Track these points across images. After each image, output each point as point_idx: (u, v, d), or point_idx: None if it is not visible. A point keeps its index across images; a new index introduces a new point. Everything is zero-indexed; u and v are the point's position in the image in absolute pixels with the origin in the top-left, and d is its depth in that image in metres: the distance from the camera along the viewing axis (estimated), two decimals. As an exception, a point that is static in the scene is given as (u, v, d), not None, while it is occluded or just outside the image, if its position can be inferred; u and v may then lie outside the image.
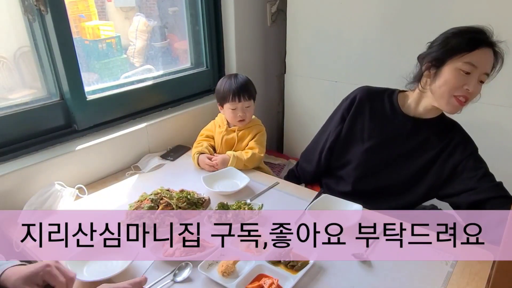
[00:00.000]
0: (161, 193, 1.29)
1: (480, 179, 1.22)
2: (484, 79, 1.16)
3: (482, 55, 1.13)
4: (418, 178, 1.33)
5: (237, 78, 1.66)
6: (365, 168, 1.39)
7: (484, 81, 1.17)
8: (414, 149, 1.32)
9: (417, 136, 1.31)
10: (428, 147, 1.31)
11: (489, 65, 1.15)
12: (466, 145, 1.28)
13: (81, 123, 1.59)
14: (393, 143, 1.35)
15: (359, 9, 1.87)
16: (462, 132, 1.32)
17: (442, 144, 1.29)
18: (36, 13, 1.40)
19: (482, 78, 1.16)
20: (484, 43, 1.14)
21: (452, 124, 1.33)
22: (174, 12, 2.11)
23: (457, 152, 1.27)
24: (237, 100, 1.62)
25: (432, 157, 1.30)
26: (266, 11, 2.26)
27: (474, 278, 1.01)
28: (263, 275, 1.00)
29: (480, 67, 1.13)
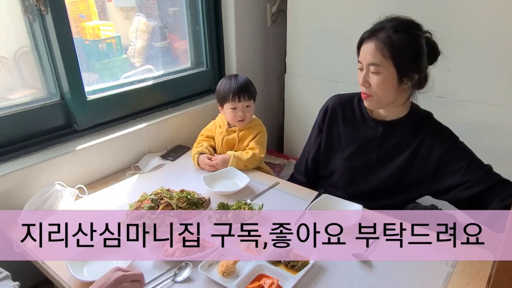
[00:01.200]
0: (161, 193, 1.29)
1: (467, 170, 1.19)
2: (373, 69, 1.16)
3: (363, 50, 1.19)
4: (401, 177, 1.31)
5: (237, 78, 1.66)
6: (350, 175, 1.40)
7: (377, 72, 1.16)
8: (391, 150, 1.31)
9: (390, 138, 1.30)
10: (404, 146, 1.28)
11: (370, 55, 1.16)
12: (443, 138, 1.24)
13: (81, 123, 1.59)
14: (369, 148, 1.34)
15: (359, 9, 1.86)
16: (437, 124, 1.27)
17: (417, 140, 1.26)
18: (36, 13, 1.40)
19: (372, 70, 1.17)
20: (363, 39, 1.19)
21: (425, 119, 1.29)
22: (174, 12, 2.11)
23: (435, 146, 1.23)
24: (237, 99, 1.62)
25: (410, 154, 1.27)
26: (266, 11, 2.26)
27: (475, 278, 1.01)
28: (263, 275, 1.00)
29: (363, 62, 1.18)
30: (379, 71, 1.15)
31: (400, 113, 1.28)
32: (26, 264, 1.15)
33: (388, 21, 1.16)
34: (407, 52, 1.13)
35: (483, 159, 1.71)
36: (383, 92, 1.18)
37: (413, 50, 1.14)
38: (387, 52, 1.13)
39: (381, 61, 1.14)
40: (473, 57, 1.62)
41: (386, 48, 1.13)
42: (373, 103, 1.24)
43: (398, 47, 1.12)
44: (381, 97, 1.20)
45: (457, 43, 1.64)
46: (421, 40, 1.15)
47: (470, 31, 1.60)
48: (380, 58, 1.14)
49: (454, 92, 1.71)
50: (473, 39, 1.60)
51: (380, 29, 1.15)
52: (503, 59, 1.56)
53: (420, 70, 1.18)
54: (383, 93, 1.19)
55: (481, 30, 1.58)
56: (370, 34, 1.17)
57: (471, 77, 1.65)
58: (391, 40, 1.12)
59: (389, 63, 1.14)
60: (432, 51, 1.18)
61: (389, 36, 1.13)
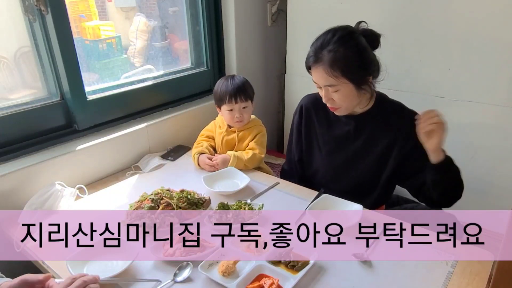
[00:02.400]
0: (161, 193, 1.29)
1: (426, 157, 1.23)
2: (332, 90, 1.21)
3: (314, 74, 1.23)
4: (381, 168, 1.35)
5: (233, 80, 1.65)
6: (332, 172, 1.43)
7: (335, 90, 1.20)
8: (366, 143, 1.34)
9: (364, 131, 1.34)
10: (379, 136, 1.32)
11: (323, 79, 1.19)
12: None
13: (82, 123, 1.59)
14: (345, 143, 1.38)
15: (359, 9, 1.86)
16: (411, 114, 1.29)
17: (393, 130, 1.30)
18: (36, 13, 1.40)
19: (330, 90, 1.21)
20: (311, 65, 1.22)
21: (398, 109, 1.32)
22: (174, 12, 2.11)
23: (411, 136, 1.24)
24: (233, 101, 1.62)
25: (387, 145, 1.31)
26: (267, 11, 2.26)
27: (475, 278, 1.01)
28: (264, 275, 1.00)
29: (319, 83, 1.23)
30: (337, 89, 1.20)
31: (368, 105, 1.32)
32: (26, 264, 1.15)
33: (326, 41, 1.18)
34: (354, 64, 1.17)
35: (483, 159, 1.72)
36: (347, 103, 1.25)
37: (358, 59, 1.17)
38: (337, 72, 1.16)
39: (335, 81, 1.18)
40: (473, 57, 1.62)
41: (334, 69, 1.16)
42: (342, 112, 1.30)
43: (345, 64, 1.16)
44: (347, 106, 1.26)
45: (457, 43, 1.64)
46: (362, 45, 1.18)
47: (470, 31, 1.60)
48: (333, 80, 1.18)
49: (454, 92, 1.71)
50: (473, 39, 1.60)
51: (321, 51, 1.17)
52: (503, 59, 1.56)
53: (372, 70, 1.22)
54: (347, 104, 1.25)
55: (481, 30, 1.58)
56: (315, 59, 1.19)
57: (471, 77, 1.65)
58: (336, 59, 1.15)
59: (343, 80, 1.18)
60: (372, 40, 1.21)
61: (332, 56, 1.15)
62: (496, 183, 1.72)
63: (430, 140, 1.17)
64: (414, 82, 1.80)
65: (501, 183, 1.70)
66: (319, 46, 1.19)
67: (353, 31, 1.20)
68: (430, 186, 1.25)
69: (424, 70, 1.76)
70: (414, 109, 1.83)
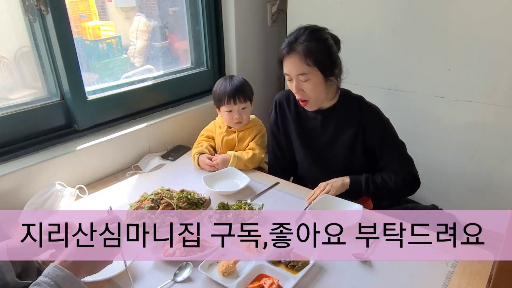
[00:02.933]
0: (161, 193, 1.29)
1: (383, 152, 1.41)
2: (303, 78, 1.29)
3: (287, 64, 1.31)
4: (350, 158, 1.45)
5: (232, 80, 1.65)
6: (310, 165, 1.52)
7: (306, 79, 1.29)
8: (333, 136, 1.42)
9: (330, 125, 1.44)
10: (343, 129, 1.42)
11: (296, 67, 1.28)
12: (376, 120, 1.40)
13: (82, 123, 1.59)
14: (314, 136, 1.48)
15: (359, 9, 1.86)
16: (369, 108, 1.41)
17: (355, 122, 1.40)
18: (36, 13, 1.40)
19: (301, 79, 1.30)
20: (284, 55, 1.30)
21: (358, 102, 1.42)
22: (174, 12, 2.11)
23: (370, 128, 1.39)
24: (232, 102, 1.62)
25: (351, 136, 1.41)
26: (267, 11, 2.26)
27: (475, 278, 1.01)
28: (264, 275, 1.00)
29: (291, 74, 1.31)
30: (308, 78, 1.29)
31: (333, 100, 1.42)
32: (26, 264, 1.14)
33: (298, 35, 1.29)
34: (324, 55, 1.29)
35: (483, 159, 1.72)
36: (316, 94, 1.33)
37: (327, 51, 1.30)
38: (310, 61, 1.27)
39: (308, 69, 1.28)
40: (473, 57, 1.62)
41: (308, 58, 1.27)
42: (312, 106, 1.39)
43: (317, 54, 1.27)
44: (316, 99, 1.35)
45: (457, 43, 1.64)
46: (330, 41, 1.32)
47: (470, 31, 1.60)
48: (306, 68, 1.28)
49: (454, 92, 1.71)
50: (473, 39, 1.60)
51: (294, 42, 1.29)
52: (503, 59, 1.56)
53: (338, 64, 1.35)
54: (316, 96, 1.34)
55: (481, 30, 1.58)
56: (289, 49, 1.29)
57: (471, 77, 1.65)
58: (309, 50, 1.27)
59: (314, 69, 1.28)
60: (336, 42, 1.36)
61: (306, 47, 1.27)
62: (496, 183, 1.72)
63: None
64: (414, 82, 1.80)
65: (501, 183, 1.70)
66: (293, 39, 1.29)
67: (323, 29, 1.34)
68: None
69: (424, 70, 1.76)
70: (414, 109, 1.84)
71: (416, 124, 1.85)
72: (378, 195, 1.41)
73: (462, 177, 1.80)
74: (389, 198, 1.48)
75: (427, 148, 1.85)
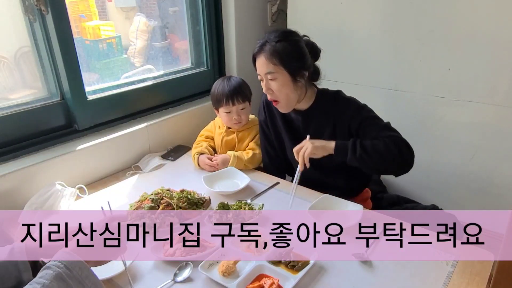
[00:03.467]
0: (161, 193, 1.29)
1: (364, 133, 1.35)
2: (271, 77, 1.32)
3: (257, 64, 1.36)
4: None
5: (230, 81, 1.65)
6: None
7: (273, 78, 1.32)
8: (315, 135, 1.41)
9: (310, 123, 1.45)
10: (324, 126, 1.42)
11: (264, 67, 1.32)
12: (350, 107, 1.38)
13: (82, 123, 1.59)
14: (297, 135, 1.47)
15: (359, 9, 1.86)
16: (343, 99, 1.41)
17: (332, 117, 1.40)
18: (36, 13, 1.40)
19: (269, 78, 1.33)
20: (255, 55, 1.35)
21: (332, 97, 1.43)
22: (174, 12, 2.11)
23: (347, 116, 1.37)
24: (231, 103, 1.62)
25: (330, 132, 1.41)
26: (267, 11, 2.26)
27: (475, 278, 1.01)
28: (264, 275, 1.00)
29: (261, 73, 1.35)
30: (275, 77, 1.32)
31: (310, 101, 1.43)
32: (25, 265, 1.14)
33: (269, 35, 1.33)
34: (291, 55, 1.31)
35: (483, 159, 1.72)
36: (284, 94, 1.35)
37: (295, 53, 1.32)
38: (276, 60, 1.30)
39: (274, 68, 1.31)
40: (473, 57, 1.62)
41: (274, 57, 1.30)
42: (284, 108, 1.40)
43: (283, 54, 1.30)
44: (286, 99, 1.36)
45: (457, 43, 1.64)
46: (300, 43, 1.34)
47: (470, 31, 1.60)
48: (272, 67, 1.31)
49: (454, 92, 1.71)
50: (473, 39, 1.60)
51: (265, 44, 1.32)
52: (503, 59, 1.56)
53: (307, 67, 1.35)
54: (285, 95, 1.35)
55: (481, 30, 1.58)
56: (258, 49, 1.34)
57: (471, 77, 1.65)
58: (275, 49, 1.30)
59: (280, 68, 1.31)
60: (312, 50, 1.38)
61: (273, 47, 1.30)
62: (496, 183, 1.72)
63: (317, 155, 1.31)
64: (414, 82, 1.80)
65: (501, 183, 1.70)
66: (264, 40, 1.33)
67: (296, 33, 1.37)
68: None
69: (424, 70, 1.76)
70: (414, 109, 1.84)
71: (416, 124, 1.85)
72: (368, 161, 1.27)
73: (462, 177, 1.80)
74: (380, 165, 1.31)
75: (427, 148, 1.85)
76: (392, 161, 1.28)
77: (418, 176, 1.93)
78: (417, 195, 1.94)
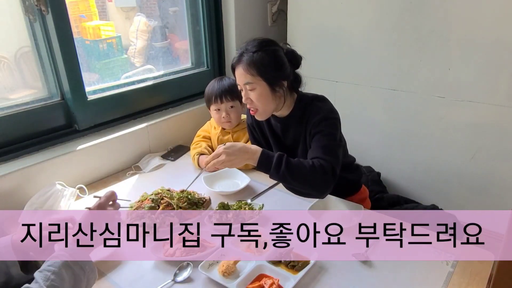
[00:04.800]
0: (161, 193, 1.29)
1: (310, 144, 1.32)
2: (249, 87, 1.30)
3: (236, 74, 1.34)
4: None
5: (221, 81, 1.67)
6: None
7: (252, 88, 1.29)
8: (293, 138, 1.42)
9: (288, 131, 1.43)
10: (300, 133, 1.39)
11: (242, 77, 1.30)
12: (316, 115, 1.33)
13: (82, 123, 1.59)
14: (278, 141, 1.48)
15: (359, 9, 1.86)
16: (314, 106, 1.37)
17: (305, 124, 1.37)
18: (37, 13, 1.40)
19: (248, 88, 1.31)
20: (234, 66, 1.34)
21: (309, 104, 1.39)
22: (174, 12, 2.11)
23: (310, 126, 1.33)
24: (219, 101, 1.64)
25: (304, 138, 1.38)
26: (267, 11, 2.26)
27: (475, 278, 1.01)
28: (264, 275, 1.01)
29: (240, 83, 1.33)
30: (253, 87, 1.30)
31: (289, 109, 1.40)
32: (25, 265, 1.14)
33: (247, 46, 1.32)
34: (268, 66, 1.29)
35: (483, 159, 1.72)
36: (263, 104, 1.32)
37: (273, 63, 1.29)
38: (253, 71, 1.28)
39: (252, 79, 1.29)
40: (473, 57, 1.62)
41: (251, 68, 1.28)
42: (261, 116, 1.37)
43: (260, 64, 1.28)
44: (264, 108, 1.34)
45: (457, 43, 1.64)
46: (278, 53, 1.31)
47: (470, 31, 1.60)
48: (250, 77, 1.29)
49: (454, 92, 1.71)
50: (473, 39, 1.60)
51: (243, 54, 1.31)
52: (503, 59, 1.56)
53: (286, 76, 1.32)
54: (264, 105, 1.32)
55: (481, 30, 1.58)
56: (237, 60, 1.32)
57: (471, 77, 1.65)
58: (252, 60, 1.28)
59: (258, 79, 1.29)
60: (293, 58, 1.35)
61: (250, 57, 1.29)
62: (496, 183, 1.72)
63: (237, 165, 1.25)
64: (414, 82, 1.80)
65: (501, 183, 1.70)
66: (243, 50, 1.32)
67: (274, 42, 1.35)
68: None
69: (424, 70, 1.76)
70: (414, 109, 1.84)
71: (416, 124, 1.85)
72: (289, 181, 1.23)
73: (462, 177, 1.80)
74: (298, 187, 1.28)
75: (427, 148, 1.86)
76: (310, 187, 1.24)
77: (418, 176, 1.93)
78: (417, 195, 1.94)
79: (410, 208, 1.55)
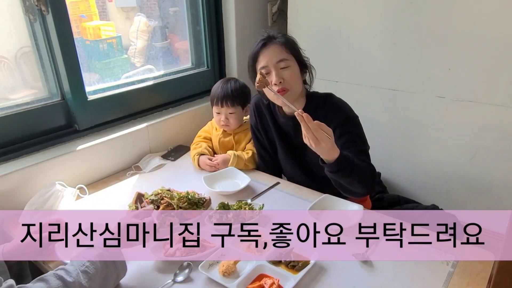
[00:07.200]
0: (161, 193, 1.29)
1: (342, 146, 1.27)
2: (284, 65, 1.32)
3: (266, 54, 1.33)
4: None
5: (227, 84, 1.66)
6: (294, 168, 1.51)
7: (286, 66, 1.32)
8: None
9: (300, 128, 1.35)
10: None
11: (277, 55, 1.32)
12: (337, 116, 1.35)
13: (82, 123, 1.59)
14: (289, 139, 1.49)
15: (359, 9, 1.86)
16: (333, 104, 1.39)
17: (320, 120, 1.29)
18: (37, 13, 1.40)
19: (281, 66, 1.32)
20: (261, 48, 1.35)
21: (322, 100, 1.41)
22: (175, 12, 2.11)
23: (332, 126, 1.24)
24: (219, 105, 1.63)
25: None
26: (267, 11, 2.26)
27: (475, 279, 1.01)
28: (264, 275, 1.01)
29: (271, 63, 1.32)
30: (288, 64, 1.33)
31: (302, 103, 1.42)
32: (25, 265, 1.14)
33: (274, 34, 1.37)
34: (299, 50, 1.38)
35: (483, 159, 1.72)
36: (295, 83, 1.34)
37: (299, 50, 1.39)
38: (289, 50, 1.34)
39: (287, 56, 1.33)
40: (473, 57, 1.62)
41: (288, 46, 1.34)
42: (290, 96, 1.34)
43: (295, 45, 1.37)
44: (295, 88, 1.35)
45: (457, 43, 1.64)
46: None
47: (471, 31, 1.60)
48: (286, 54, 1.33)
49: (454, 92, 1.71)
50: (473, 39, 1.60)
51: (272, 36, 1.36)
52: (503, 59, 1.56)
53: (306, 68, 1.40)
54: (296, 84, 1.34)
55: (482, 30, 1.58)
56: (267, 41, 1.35)
57: (471, 77, 1.65)
58: (288, 40, 1.36)
59: (292, 57, 1.34)
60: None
61: (284, 37, 1.36)
62: (496, 183, 1.72)
63: (321, 145, 1.14)
64: (414, 82, 1.80)
65: (501, 183, 1.70)
66: (268, 35, 1.36)
67: None
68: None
69: (424, 70, 1.76)
70: (414, 109, 1.84)
71: (416, 124, 1.86)
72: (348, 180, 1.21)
73: (462, 177, 1.80)
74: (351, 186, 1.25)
75: (427, 148, 1.86)
76: (362, 187, 1.25)
77: (418, 176, 1.93)
78: (417, 195, 1.94)
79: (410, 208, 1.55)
